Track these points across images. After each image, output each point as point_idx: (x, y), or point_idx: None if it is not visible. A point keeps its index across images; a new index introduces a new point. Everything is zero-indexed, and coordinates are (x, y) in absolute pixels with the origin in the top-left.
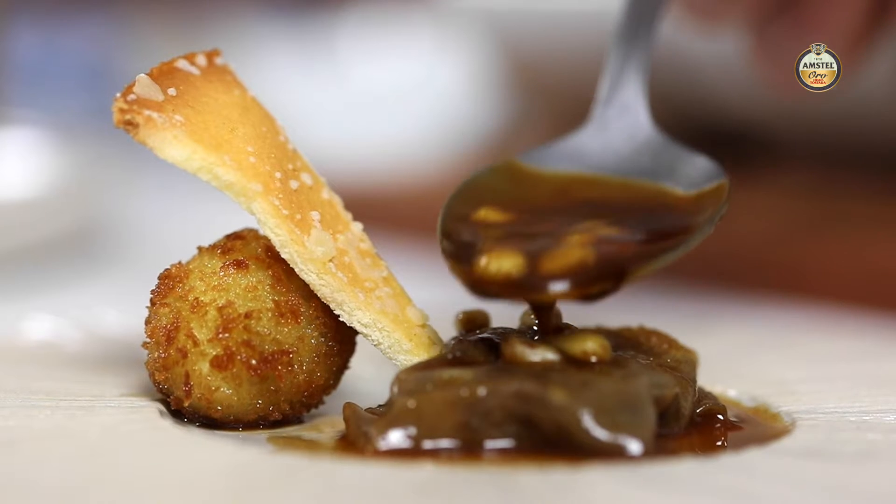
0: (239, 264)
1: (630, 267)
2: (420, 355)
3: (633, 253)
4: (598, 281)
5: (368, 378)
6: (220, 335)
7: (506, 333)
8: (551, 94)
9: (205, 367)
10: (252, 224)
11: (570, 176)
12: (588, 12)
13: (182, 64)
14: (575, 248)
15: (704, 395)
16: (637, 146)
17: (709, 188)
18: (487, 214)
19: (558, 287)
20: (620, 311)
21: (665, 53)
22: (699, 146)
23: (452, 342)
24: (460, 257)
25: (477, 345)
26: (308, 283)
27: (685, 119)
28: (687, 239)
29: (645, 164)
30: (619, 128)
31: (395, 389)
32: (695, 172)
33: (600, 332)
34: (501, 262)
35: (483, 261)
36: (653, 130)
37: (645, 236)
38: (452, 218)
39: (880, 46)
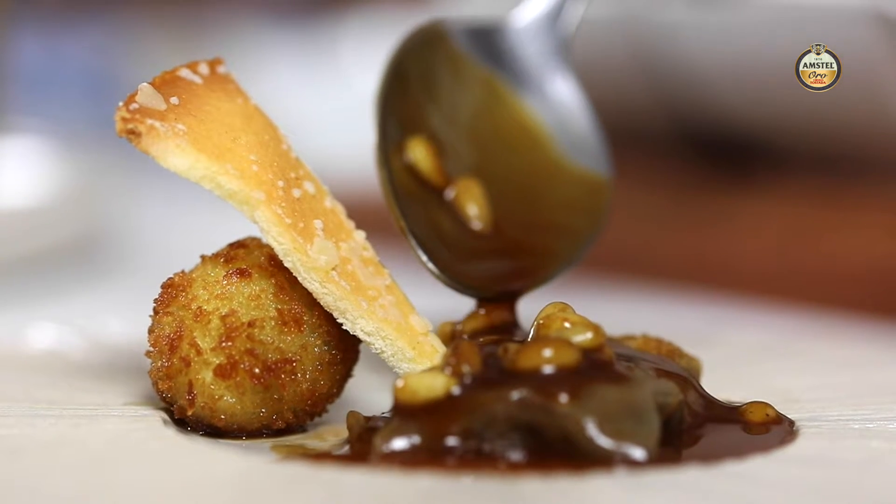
0: (242, 273)
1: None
2: (423, 364)
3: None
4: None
5: (372, 387)
6: (224, 344)
7: (508, 342)
8: None
9: (208, 375)
10: (255, 233)
11: (485, 81)
12: (591, 20)
13: (184, 73)
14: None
15: None
16: (547, 75)
17: (595, 175)
18: (418, 153)
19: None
20: (623, 320)
21: (666, 59)
22: (701, 151)
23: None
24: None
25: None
26: (311, 291)
27: (686, 125)
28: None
29: (547, 96)
30: (538, 41)
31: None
32: (586, 144)
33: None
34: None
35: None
36: (565, 64)
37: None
38: (385, 155)
39: None
